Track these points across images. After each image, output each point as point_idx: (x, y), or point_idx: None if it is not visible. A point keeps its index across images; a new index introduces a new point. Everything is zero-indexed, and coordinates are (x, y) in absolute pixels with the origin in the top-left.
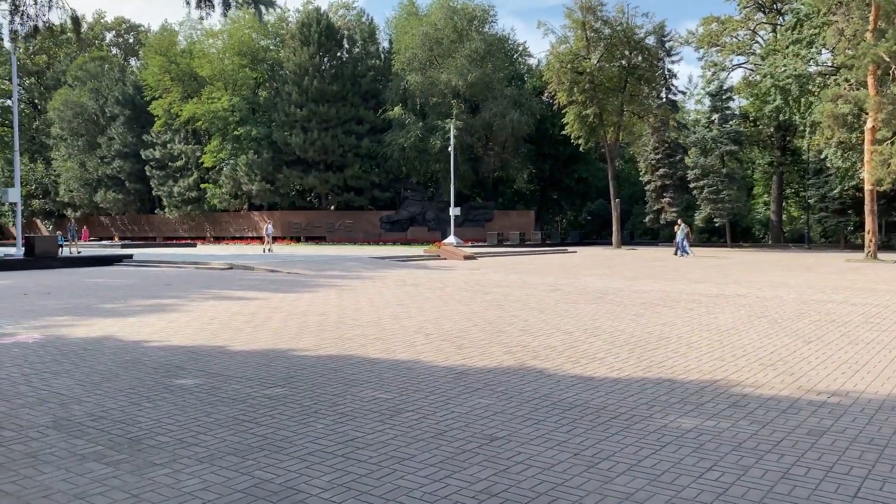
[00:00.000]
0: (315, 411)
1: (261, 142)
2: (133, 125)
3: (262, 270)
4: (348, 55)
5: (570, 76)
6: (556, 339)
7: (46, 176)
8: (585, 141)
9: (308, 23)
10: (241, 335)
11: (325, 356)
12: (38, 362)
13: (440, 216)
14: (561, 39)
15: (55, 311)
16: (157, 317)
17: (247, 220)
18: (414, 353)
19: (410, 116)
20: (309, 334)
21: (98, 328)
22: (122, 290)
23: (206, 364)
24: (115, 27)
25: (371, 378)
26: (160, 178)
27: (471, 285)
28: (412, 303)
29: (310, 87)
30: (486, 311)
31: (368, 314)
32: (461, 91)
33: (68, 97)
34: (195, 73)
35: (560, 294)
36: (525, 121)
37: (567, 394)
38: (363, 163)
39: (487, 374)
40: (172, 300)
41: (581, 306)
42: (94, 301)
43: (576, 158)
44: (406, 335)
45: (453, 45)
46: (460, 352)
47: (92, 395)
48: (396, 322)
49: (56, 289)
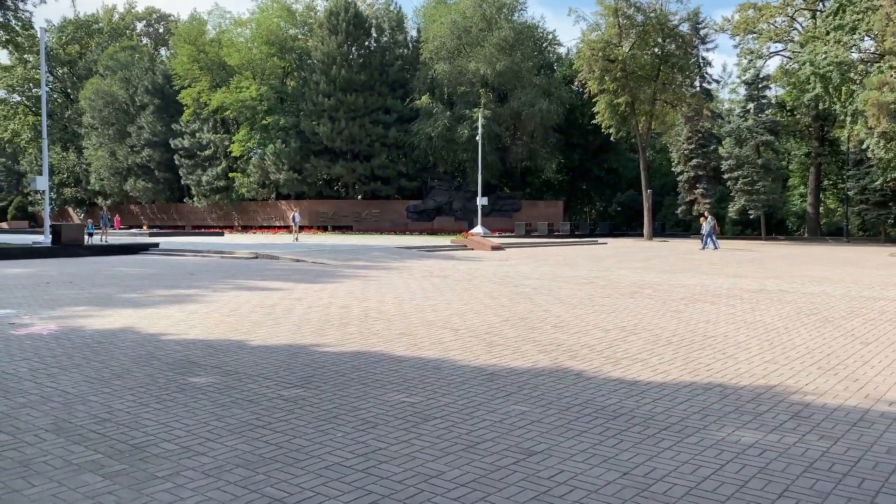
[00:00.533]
0: (335, 416)
1: (288, 131)
2: (162, 114)
3: (287, 260)
4: (376, 44)
5: (601, 64)
6: (593, 337)
7: (78, 165)
8: (616, 130)
9: (336, 11)
10: (260, 328)
11: (347, 352)
12: (49, 356)
13: (467, 206)
14: (592, 27)
15: (75, 300)
16: (176, 308)
17: (274, 210)
18: (441, 351)
19: (438, 106)
20: (331, 328)
21: (116, 319)
22: (145, 280)
23: (223, 360)
24: (145, 17)
25: (396, 378)
26: (189, 167)
27: (499, 277)
28: (439, 295)
29: (338, 77)
30: (516, 306)
31: (393, 307)
32: (489, 80)
33: (99, 86)
34: (223, 62)
35: (593, 288)
36: (554, 110)
37: (609, 400)
38: (390, 152)
39: (521, 376)
40: (194, 290)
41: (617, 301)
42: (115, 291)
43: (606, 148)
44: (433, 330)
45: (482, 33)
46: (491, 350)
47: (99, 393)
48: (422, 316)
49: (79, 277)
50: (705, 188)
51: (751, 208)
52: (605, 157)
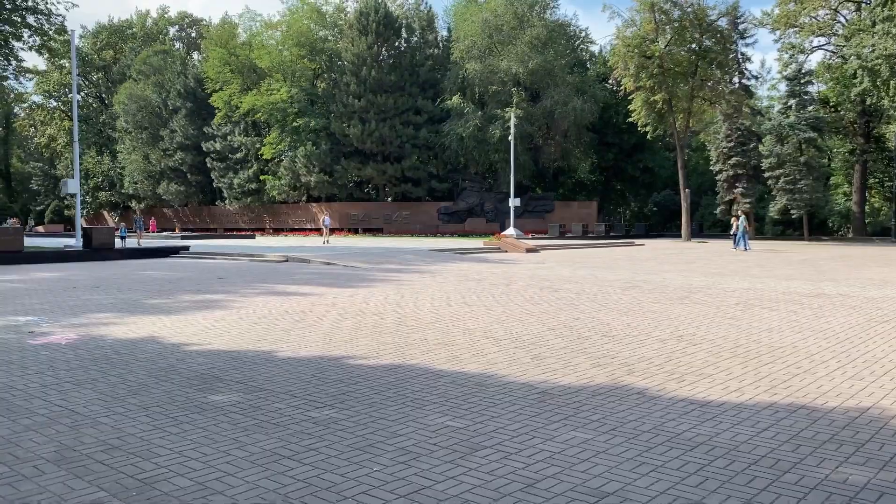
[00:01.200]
0: (370, 444)
1: (319, 133)
2: (194, 118)
3: (318, 263)
4: (406, 44)
5: (637, 61)
6: (648, 349)
7: (112, 168)
8: (653, 128)
9: (366, 12)
10: (290, 337)
11: (382, 366)
12: (64, 369)
13: (499, 207)
14: (627, 23)
15: (99, 306)
16: (203, 315)
17: (305, 212)
18: (485, 364)
19: (469, 105)
20: (364, 337)
21: (139, 327)
22: (173, 284)
23: (248, 374)
24: (178, 21)
25: (437, 397)
26: (221, 170)
27: (538, 281)
28: (476, 301)
29: (368, 78)
30: (559, 312)
31: (429, 313)
32: (521, 79)
33: (132, 91)
34: (254, 64)
35: (639, 292)
36: (588, 108)
37: (682, 425)
38: (421, 153)
39: (577, 395)
40: (222, 295)
41: (667, 307)
42: (142, 296)
43: (641, 147)
44: (473, 340)
45: (513, 31)
46: (539, 363)
47: (112, 413)
48: (461, 323)
49: (106, 282)
50: (745, 187)
51: (792, 208)
52: (640, 157)
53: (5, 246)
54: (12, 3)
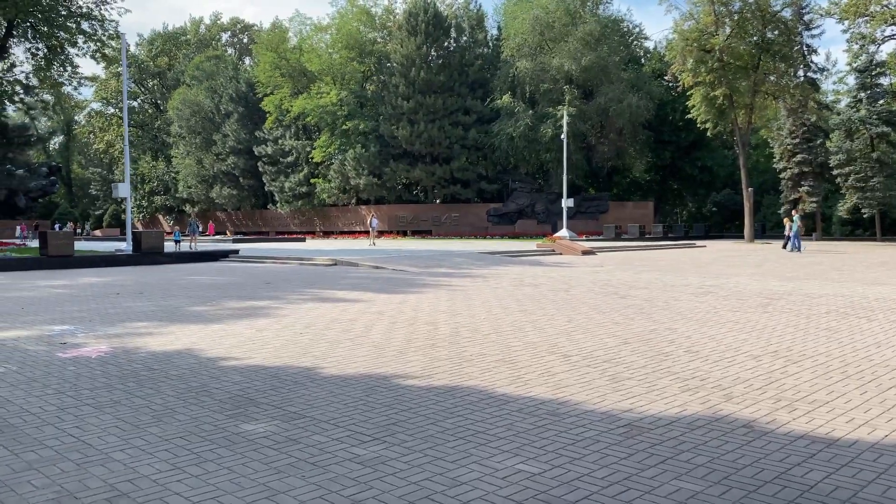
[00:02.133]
0: (428, 496)
1: (368, 135)
2: (246, 122)
3: (367, 267)
4: (455, 44)
5: (695, 55)
6: (742, 367)
7: (167, 173)
8: (713, 125)
9: (415, 12)
10: (336, 350)
11: (437, 387)
12: (87, 388)
13: (550, 208)
14: (685, 16)
15: (138, 314)
16: (245, 324)
17: (354, 215)
18: (555, 387)
19: (520, 104)
20: (416, 352)
21: (176, 338)
22: (218, 290)
23: (287, 396)
24: (230, 27)
25: (503, 429)
26: (272, 174)
27: (600, 286)
28: (536, 309)
29: (417, 79)
30: (631, 323)
31: (486, 324)
32: (574, 76)
33: (186, 96)
34: (304, 68)
35: (714, 299)
36: (644, 105)
37: (812, 473)
38: (470, 154)
39: (670, 430)
40: (267, 302)
41: (750, 316)
42: (185, 303)
43: (698, 145)
44: (538, 356)
45: (565, 28)
46: (617, 386)
47: (128, 447)
48: (522, 336)
49: (151, 288)
50: (811, 186)
51: (864, 207)
52: (698, 155)
53: (56, 251)
54: (67, 10)
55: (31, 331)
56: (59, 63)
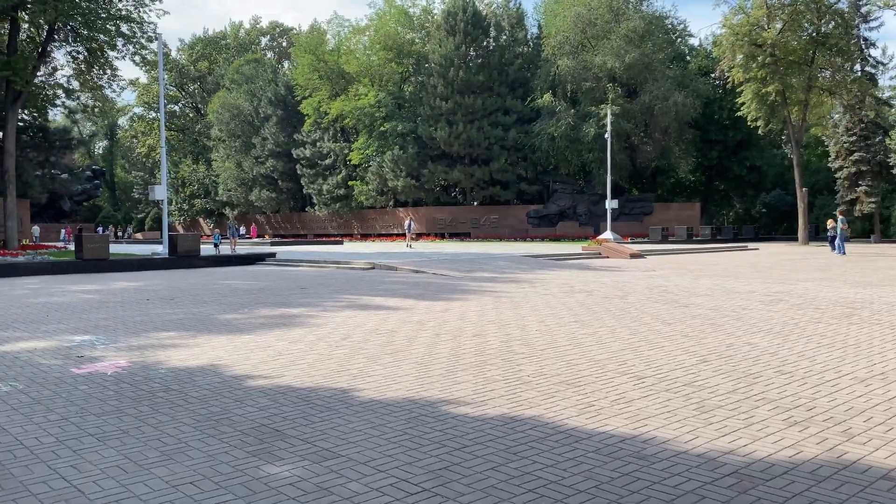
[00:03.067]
0: None
1: (406, 137)
2: (285, 125)
3: (406, 271)
4: (495, 43)
5: (746, 50)
6: (851, 394)
7: (207, 176)
8: (765, 123)
9: (454, 12)
10: (375, 368)
11: (493, 417)
12: (95, 413)
13: (592, 210)
14: (735, 9)
15: (165, 323)
16: (277, 334)
17: (392, 217)
18: (633, 418)
19: (561, 104)
20: (465, 370)
21: (202, 352)
22: (252, 296)
23: (320, 427)
24: (269, 31)
25: (581, 478)
26: (310, 177)
27: (658, 293)
28: (593, 319)
29: (455, 79)
30: (703, 336)
31: (540, 336)
32: (617, 74)
33: (226, 100)
34: (342, 70)
35: (788, 308)
36: (690, 103)
37: None
38: (509, 155)
39: (790, 482)
40: (302, 309)
41: (834, 328)
42: (216, 310)
43: (746, 144)
44: (606, 376)
45: (608, 25)
46: (708, 417)
47: (126, 496)
48: (583, 351)
49: (183, 293)
50: (869, 185)
51: None
52: (746, 154)
53: (92, 254)
54: (106, 12)
55: (49, 341)
56: (99, 66)
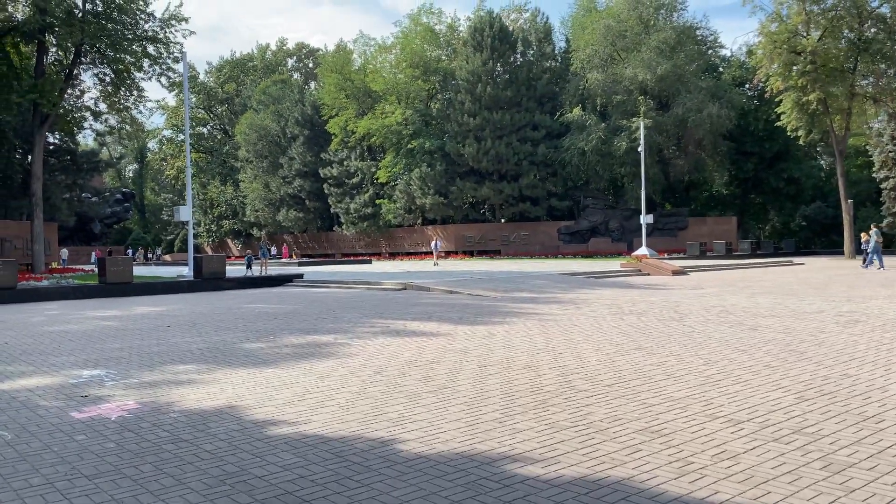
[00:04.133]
0: None
1: (434, 154)
2: (312, 145)
3: (440, 291)
4: (522, 58)
5: (785, 57)
6: None
7: (235, 197)
8: (806, 132)
9: (480, 27)
10: (417, 410)
11: (571, 482)
12: (87, 474)
13: (625, 225)
14: (773, 16)
15: (184, 354)
16: (305, 367)
17: (420, 235)
18: (747, 482)
19: (591, 118)
20: (524, 413)
21: (220, 389)
22: (278, 321)
23: (357, 495)
24: (295, 52)
25: None
26: (337, 196)
27: (716, 314)
28: (655, 346)
29: (483, 95)
30: (788, 366)
31: (602, 367)
32: (649, 86)
33: (253, 120)
34: (369, 88)
35: (869, 330)
36: (725, 114)
37: None
38: (539, 171)
39: None
40: (332, 336)
41: None
42: (239, 338)
43: (783, 156)
44: (695, 420)
45: (638, 37)
46: (847, 485)
47: None
48: (656, 387)
49: (206, 318)
50: None
51: None
52: (783, 166)
53: (115, 278)
54: (133, 34)
55: (55, 377)
56: (126, 88)
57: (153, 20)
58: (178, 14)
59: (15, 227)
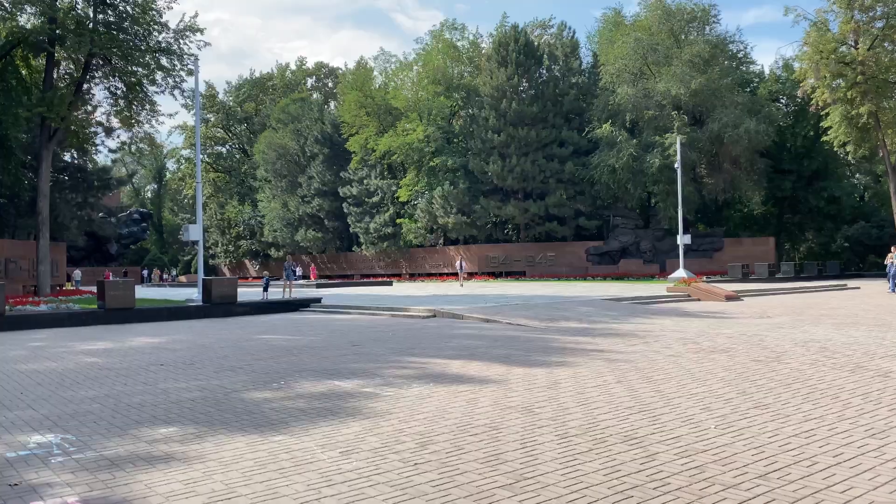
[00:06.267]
0: None
1: (456, 172)
2: (331, 163)
3: (475, 320)
4: (548, 73)
5: (833, 68)
6: None
7: (253, 217)
8: (855, 148)
9: (505, 42)
10: None
11: None
12: None
13: (657, 246)
14: (816, 25)
15: (170, 408)
16: (322, 434)
17: (442, 255)
18: None
19: (621, 134)
20: None
21: (205, 475)
22: (292, 358)
23: None
24: (315, 72)
25: None
26: (357, 215)
27: (816, 353)
28: (775, 402)
29: (508, 111)
30: None
31: (734, 445)
32: (682, 101)
33: (272, 139)
34: (390, 106)
35: None
36: (763, 130)
37: None
38: (566, 189)
39: None
40: (356, 382)
41: None
42: (243, 383)
43: (822, 174)
44: None
45: (669, 50)
46: None
47: None
48: (832, 482)
49: (208, 353)
50: None
51: None
52: (823, 184)
53: (115, 302)
54: (146, 44)
55: None
56: (139, 102)
57: (167, 31)
58: (192, 24)
59: (21, 248)
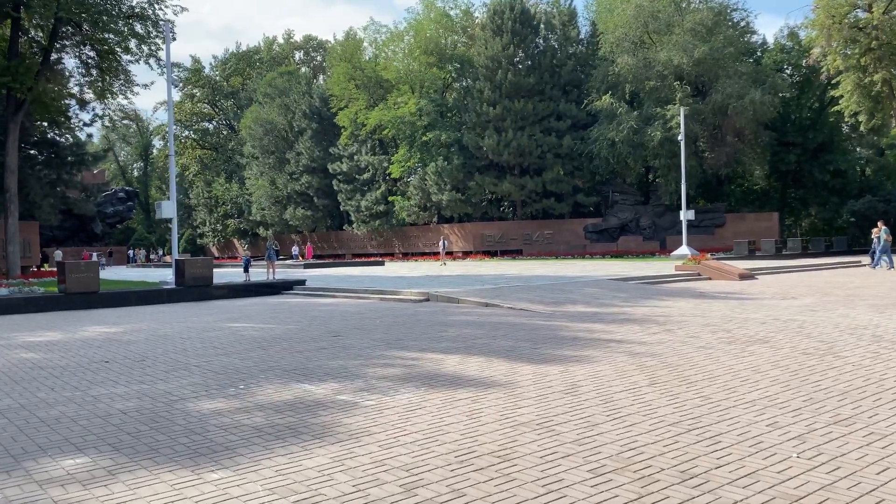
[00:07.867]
0: None
1: (450, 147)
2: (320, 139)
3: (472, 303)
4: (545, 43)
5: (846, 33)
6: None
7: (241, 195)
8: (867, 117)
9: (500, 10)
10: None
11: None
12: None
13: (657, 223)
14: None
15: (87, 429)
16: (275, 465)
17: (436, 234)
18: None
19: (621, 106)
20: None
21: None
22: (260, 352)
23: None
24: (303, 45)
25: None
26: (348, 193)
27: (870, 341)
28: (851, 411)
29: (503, 82)
30: None
31: (838, 488)
32: (685, 71)
33: (258, 114)
34: (380, 78)
35: None
36: (769, 101)
37: None
38: (564, 164)
39: None
40: (331, 386)
41: None
42: (193, 388)
43: (828, 146)
44: None
45: (671, 18)
46: None
47: None
48: None
49: (164, 345)
50: None
51: None
52: (828, 158)
53: (77, 286)
54: (117, 9)
55: None
56: (112, 72)
57: None
58: None
59: None
